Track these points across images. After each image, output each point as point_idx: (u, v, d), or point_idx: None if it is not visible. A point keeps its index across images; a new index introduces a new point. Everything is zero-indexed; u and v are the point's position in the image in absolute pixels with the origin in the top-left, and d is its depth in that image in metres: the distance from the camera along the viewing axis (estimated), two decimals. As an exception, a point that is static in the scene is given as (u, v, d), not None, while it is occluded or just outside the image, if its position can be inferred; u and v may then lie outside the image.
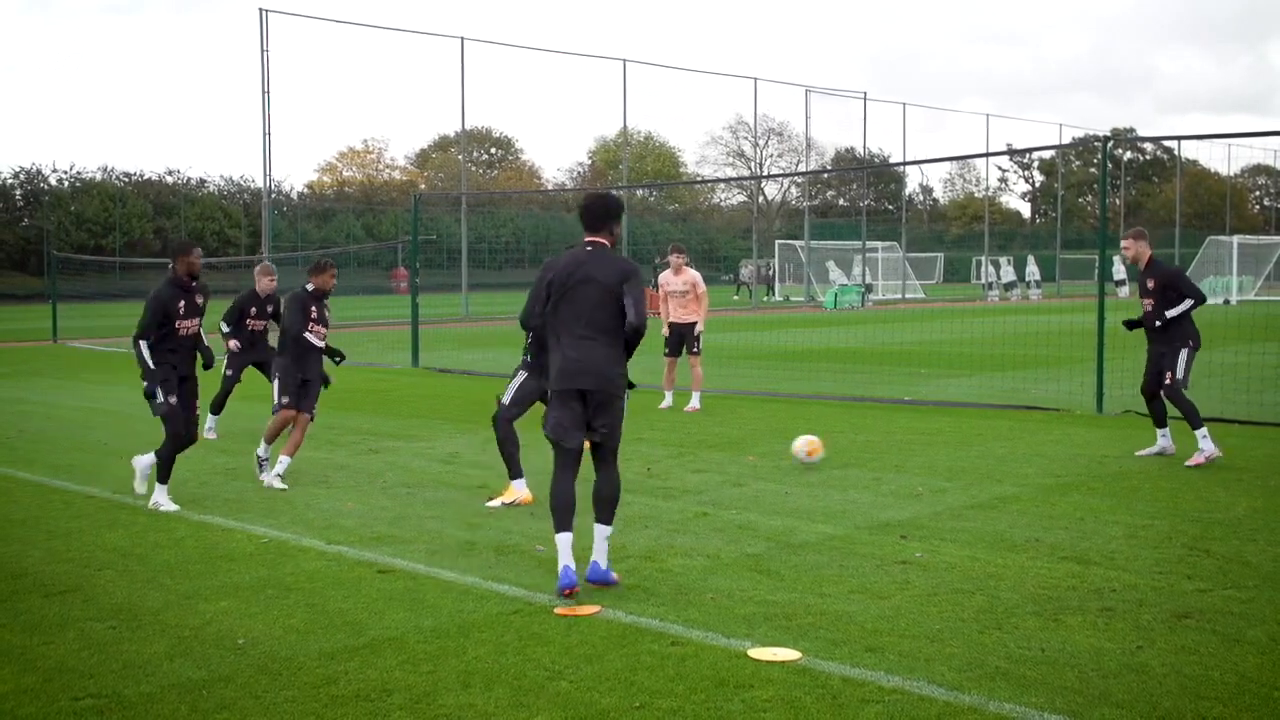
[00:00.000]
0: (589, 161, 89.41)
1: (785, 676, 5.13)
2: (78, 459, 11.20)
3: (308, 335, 10.00)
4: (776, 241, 61.77)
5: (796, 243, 58.35)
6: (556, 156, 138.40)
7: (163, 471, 9.05)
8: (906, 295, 56.48)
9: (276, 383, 10.11)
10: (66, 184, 62.87)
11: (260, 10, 36.24)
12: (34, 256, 58.53)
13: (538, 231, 72.20)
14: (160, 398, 8.86)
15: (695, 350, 14.68)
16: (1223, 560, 7.01)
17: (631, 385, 6.97)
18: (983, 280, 57.81)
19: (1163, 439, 10.62)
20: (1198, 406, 10.42)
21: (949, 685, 5.00)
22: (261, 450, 10.03)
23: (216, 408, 12.99)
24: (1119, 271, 54.43)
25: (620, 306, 6.67)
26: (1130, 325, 11.05)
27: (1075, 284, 64.85)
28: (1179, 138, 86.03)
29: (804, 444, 10.36)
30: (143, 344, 8.97)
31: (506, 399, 9.07)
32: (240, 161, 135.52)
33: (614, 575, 6.66)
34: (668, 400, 14.78)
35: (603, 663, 5.34)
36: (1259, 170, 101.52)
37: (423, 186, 73.78)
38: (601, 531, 6.66)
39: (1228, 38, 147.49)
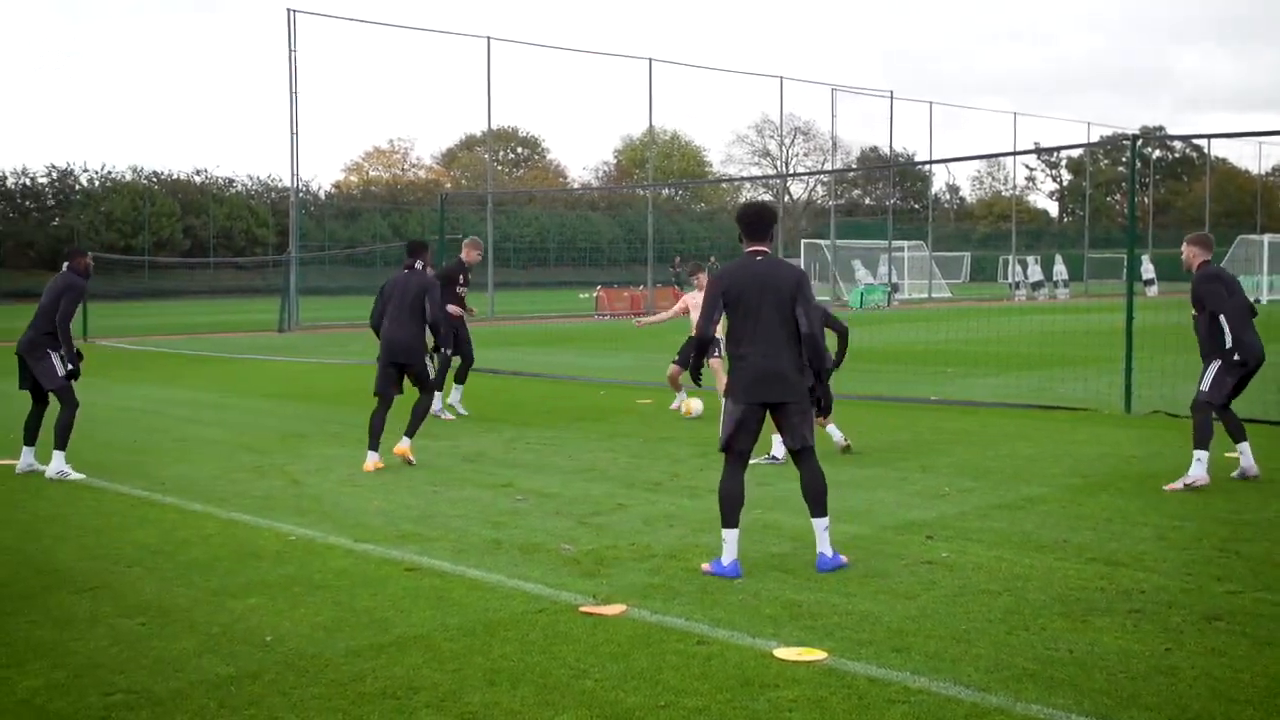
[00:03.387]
0: (615, 160, 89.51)
1: (811, 676, 5.12)
2: (107, 457, 11.29)
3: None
4: (802, 241, 61.62)
5: (822, 242, 58.24)
6: (582, 156, 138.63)
7: (64, 439, 10.11)
8: (933, 294, 56.27)
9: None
10: (97, 183, 63.34)
11: (288, 10, 36.42)
12: (65, 256, 58.95)
13: (563, 231, 72.33)
14: (63, 371, 10.25)
15: (717, 354, 14.56)
16: (1253, 562, 6.95)
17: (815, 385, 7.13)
18: (1010, 280, 57.55)
19: (1243, 458, 9.67)
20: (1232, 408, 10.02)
21: (976, 686, 4.98)
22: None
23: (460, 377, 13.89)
24: (1148, 271, 54.13)
25: (794, 312, 6.84)
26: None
27: (1103, 283, 64.47)
28: (1208, 135, 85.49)
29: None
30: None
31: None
32: (268, 161, 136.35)
33: (842, 558, 6.94)
34: (678, 402, 14.66)
35: (628, 661, 5.34)
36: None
37: (449, 186, 73.99)
38: (820, 524, 6.91)
39: (1246, 35, 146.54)
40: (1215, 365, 9.60)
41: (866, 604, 6.18)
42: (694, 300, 14.50)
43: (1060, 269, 56.97)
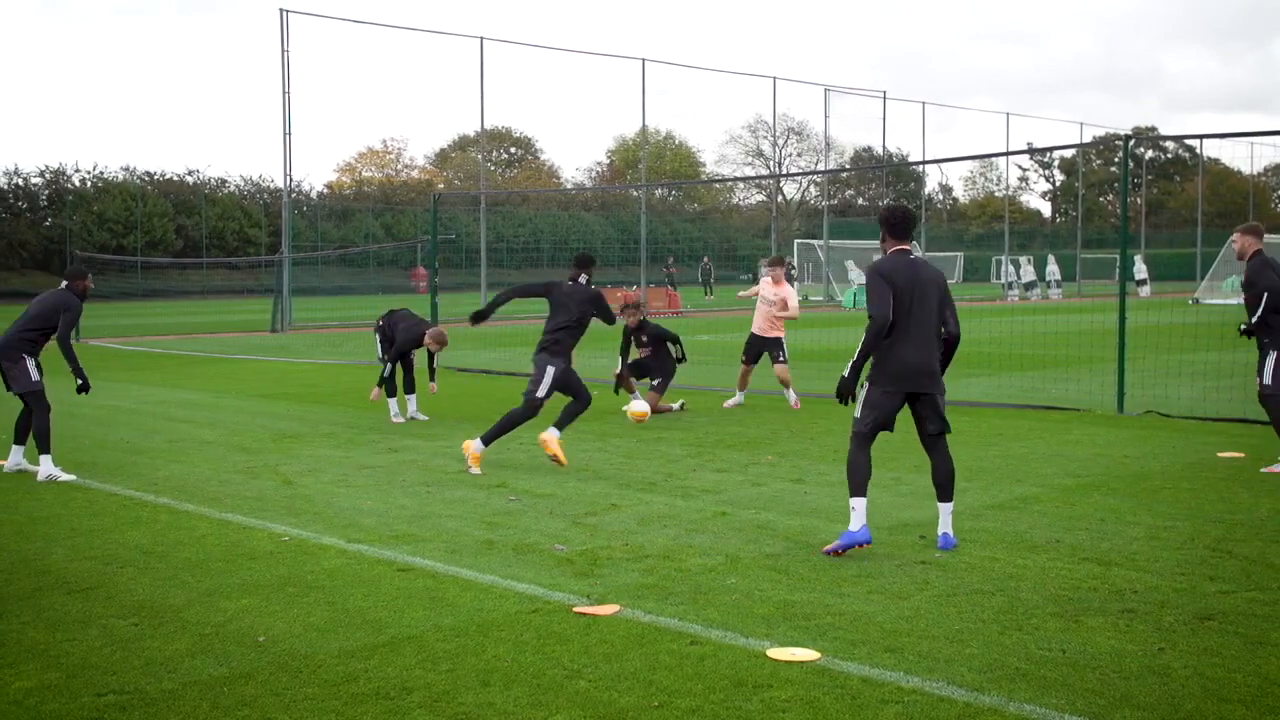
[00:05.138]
0: (608, 161, 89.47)
1: (804, 676, 5.13)
2: (99, 457, 11.27)
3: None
4: (796, 241, 61.68)
5: (815, 242, 58.26)
6: (575, 156, 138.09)
7: (45, 442, 10.11)
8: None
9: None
10: (89, 184, 63.21)
11: (281, 10, 36.35)
12: (57, 256, 58.80)
13: (556, 231, 72.28)
14: (36, 376, 10.28)
15: (781, 359, 14.59)
16: (1246, 562, 6.97)
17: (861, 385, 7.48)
18: (1003, 280, 57.59)
19: None
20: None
21: (969, 686, 4.99)
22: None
23: (392, 390, 13.77)
24: (1140, 271, 54.19)
25: (943, 310, 7.36)
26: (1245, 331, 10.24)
27: (1096, 283, 64.53)
28: (1200, 136, 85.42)
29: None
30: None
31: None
32: (260, 161, 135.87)
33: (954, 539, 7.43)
34: (738, 398, 14.83)
35: (621, 662, 5.34)
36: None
37: (441, 186, 73.93)
38: (946, 509, 7.42)
39: (1232, 36, 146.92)
40: (1274, 355, 9.82)
41: (860, 604, 6.19)
42: (768, 287, 14.77)
43: (1053, 269, 57.00)
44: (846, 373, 7.35)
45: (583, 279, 10.87)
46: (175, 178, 67.19)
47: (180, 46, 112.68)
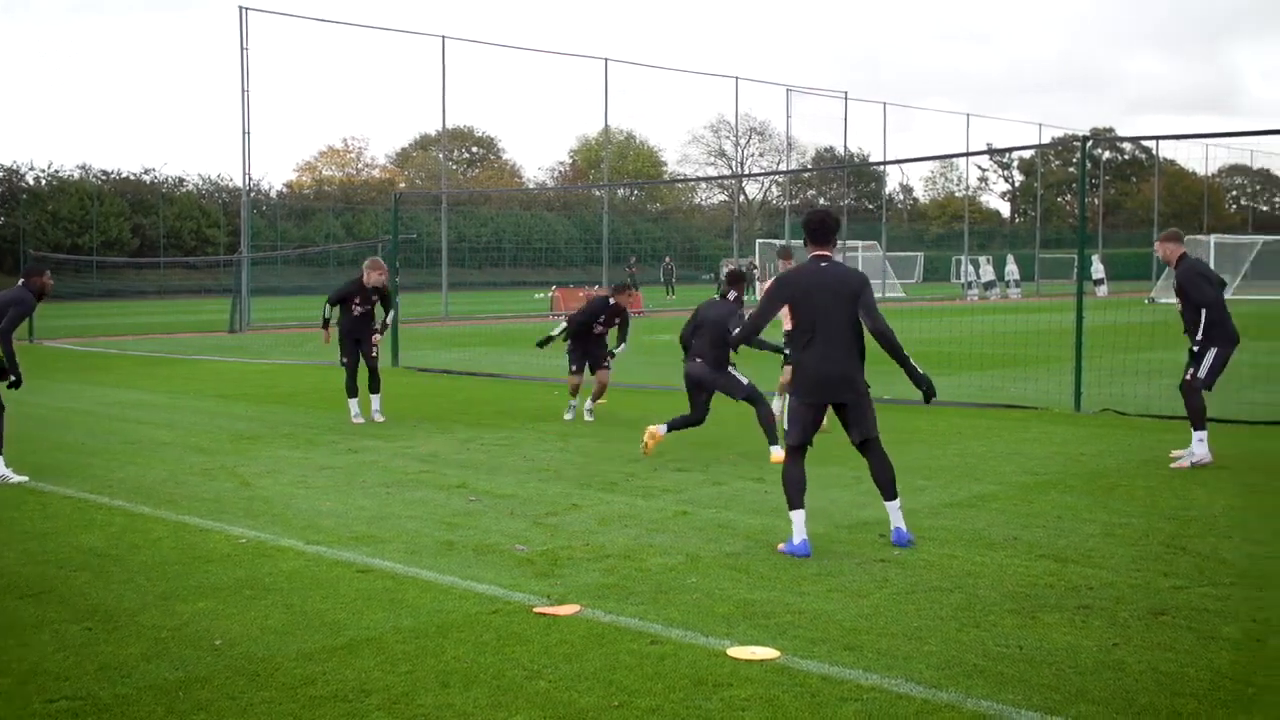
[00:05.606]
0: (570, 161, 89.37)
1: (764, 675, 5.14)
2: (53, 459, 11.13)
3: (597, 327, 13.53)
4: (758, 241, 61.79)
5: (777, 242, 58.36)
6: (538, 155, 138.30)
7: None
8: (887, 294, 56.59)
9: (568, 356, 13.68)
10: (44, 183, 62.48)
11: (240, 8, 36.09)
12: (10, 256, 58.12)
13: (519, 231, 72.14)
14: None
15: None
16: (1199, 558, 7.05)
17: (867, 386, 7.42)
18: (962, 279, 57.99)
19: (1199, 444, 10.05)
20: (1180, 406, 10.36)
21: (927, 683, 5.02)
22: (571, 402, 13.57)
23: (352, 392, 13.71)
24: (1098, 271, 54.70)
25: (857, 315, 7.22)
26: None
27: (1054, 283, 65.07)
28: (1157, 137, 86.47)
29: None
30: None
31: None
32: (219, 160, 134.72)
33: (911, 535, 7.42)
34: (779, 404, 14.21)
35: (581, 662, 5.34)
36: (1235, 170, 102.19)
37: (403, 185, 73.60)
38: (893, 506, 7.37)
39: (1189, 39, 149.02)
40: (1213, 351, 10.11)
41: (819, 602, 6.21)
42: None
43: (1012, 269, 57.43)
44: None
45: (731, 295, 11.16)
46: (132, 177, 66.54)
47: (138, 45, 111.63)
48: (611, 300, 13.72)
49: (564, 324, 13.89)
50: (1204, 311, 10.14)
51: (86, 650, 5.60)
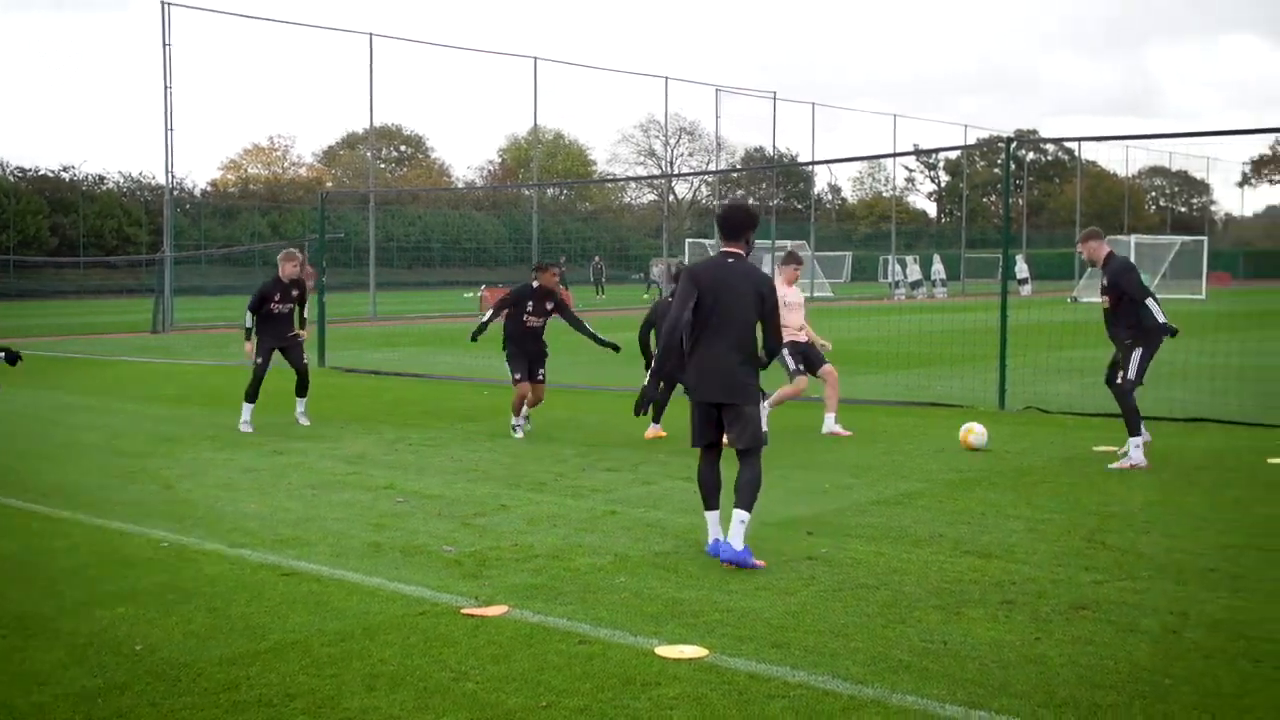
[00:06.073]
0: (499, 160, 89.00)
1: (692, 674, 5.15)
2: (-31, 463, 10.87)
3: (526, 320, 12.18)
4: (687, 240, 61.95)
5: (707, 241, 58.58)
6: (467, 154, 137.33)
7: None
8: (815, 294, 57.02)
9: (508, 364, 12.23)
10: (-43, 180, 60.99)
11: (162, 3, 35.49)
12: (-77, 255, 56.71)
13: (447, 230, 71.70)
14: None
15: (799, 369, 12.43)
16: (1118, 552, 7.18)
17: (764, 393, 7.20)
18: (890, 279, 58.58)
19: (1135, 450, 10.15)
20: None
21: (853, 679, 5.06)
22: (515, 420, 12.23)
23: (252, 396, 13.02)
24: (1022, 270, 55.55)
25: (756, 318, 6.99)
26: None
27: (979, 282, 65.99)
28: (1079, 139, 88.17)
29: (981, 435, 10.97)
30: None
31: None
32: (141, 158, 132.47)
33: (753, 560, 6.90)
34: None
35: (509, 663, 5.31)
36: (1155, 171, 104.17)
37: (330, 184, 72.85)
38: (737, 515, 6.92)
39: (1105, 43, 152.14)
40: (1139, 351, 10.17)
41: (747, 601, 6.24)
42: (783, 288, 12.21)
43: (938, 268, 58.16)
44: (647, 381, 7.24)
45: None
46: (50, 174, 65.18)
47: (57, 40, 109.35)
48: (535, 283, 12.22)
49: (490, 311, 12.46)
50: (1150, 302, 10.12)
51: (2, 658, 5.47)
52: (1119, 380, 10.29)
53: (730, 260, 7.10)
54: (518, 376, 12.15)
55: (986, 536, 7.61)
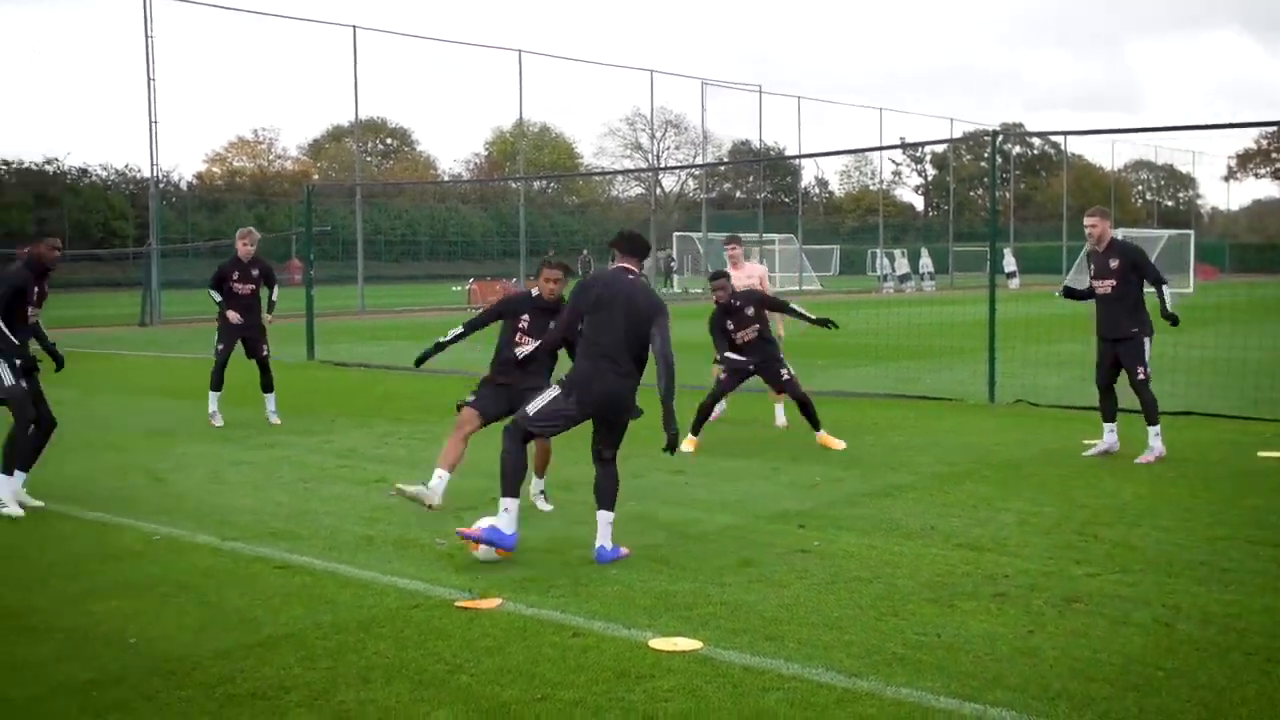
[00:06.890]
0: (485, 153, 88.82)
1: (686, 666, 5.16)
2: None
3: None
4: (675, 233, 62.01)
5: (694, 234, 58.64)
6: (453, 148, 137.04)
7: (5, 460, 8.36)
8: (803, 287, 57.10)
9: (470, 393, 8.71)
10: (-60, 172, 60.69)
11: (146, -5, 35.31)
12: (-95, 248, 56.36)
13: (434, 223, 71.56)
14: (10, 379, 8.36)
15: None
16: (1110, 545, 7.21)
17: (639, 412, 7.20)
18: (878, 272, 58.68)
19: (1110, 434, 10.37)
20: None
21: (847, 672, 5.07)
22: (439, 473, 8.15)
23: (216, 384, 12.85)
24: (1009, 264, 55.72)
25: (644, 333, 7.00)
26: (1070, 294, 10.80)
27: (967, 276, 66.14)
28: (1065, 133, 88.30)
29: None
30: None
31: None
32: (126, 151, 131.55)
33: (622, 550, 7.04)
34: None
35: (504, 655, 5.32)
36: (1140, 165, 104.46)
37: (316, 177, 72.63)
38: (602, 517, 7.03)
39: (1086, 37, 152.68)
40: (1147, 342, 10.13)
41: (740, 593, 6.25)
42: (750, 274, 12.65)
43: (926, 262, 58.22)
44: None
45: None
46: (34, 167, 64.84)
47: (40, 31, 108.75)
48: (535, 291, 8.44)
49: (460, 328, 8.76)
50: (1163, 287, 9.97)
51: (-5, 652, 5.46)
52: (1140, 376, 10.08)
53: (630, 277, 7.19)
54: (471, 402, 8.51)
55: (978, 529, 7.64)
